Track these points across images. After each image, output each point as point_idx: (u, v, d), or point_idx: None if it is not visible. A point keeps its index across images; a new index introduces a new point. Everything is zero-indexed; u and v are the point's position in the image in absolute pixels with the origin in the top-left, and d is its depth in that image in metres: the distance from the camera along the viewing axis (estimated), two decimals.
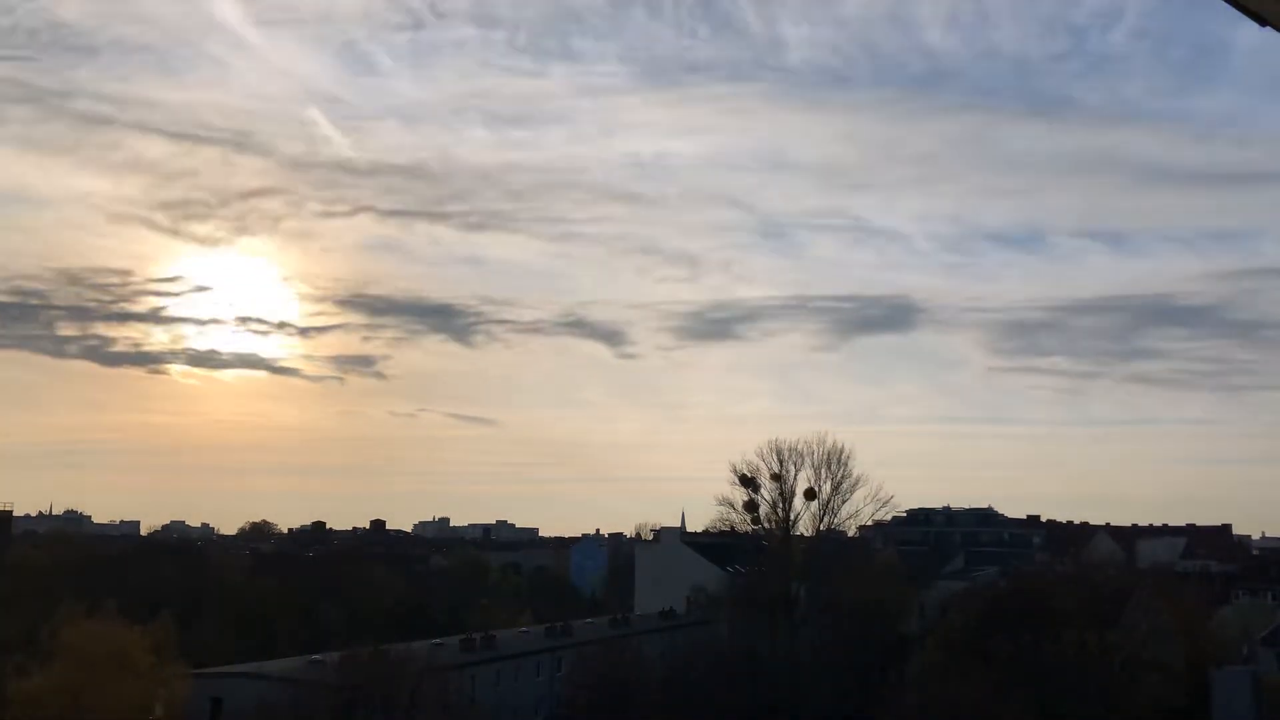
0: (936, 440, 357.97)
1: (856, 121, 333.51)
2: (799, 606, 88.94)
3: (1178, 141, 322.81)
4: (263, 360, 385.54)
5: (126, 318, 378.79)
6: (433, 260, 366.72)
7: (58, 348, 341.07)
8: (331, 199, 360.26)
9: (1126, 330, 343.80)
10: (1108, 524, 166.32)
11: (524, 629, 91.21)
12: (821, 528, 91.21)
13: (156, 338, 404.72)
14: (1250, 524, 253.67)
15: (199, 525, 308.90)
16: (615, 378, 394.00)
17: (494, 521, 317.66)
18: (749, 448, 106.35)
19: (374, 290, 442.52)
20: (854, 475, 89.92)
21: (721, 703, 64.98)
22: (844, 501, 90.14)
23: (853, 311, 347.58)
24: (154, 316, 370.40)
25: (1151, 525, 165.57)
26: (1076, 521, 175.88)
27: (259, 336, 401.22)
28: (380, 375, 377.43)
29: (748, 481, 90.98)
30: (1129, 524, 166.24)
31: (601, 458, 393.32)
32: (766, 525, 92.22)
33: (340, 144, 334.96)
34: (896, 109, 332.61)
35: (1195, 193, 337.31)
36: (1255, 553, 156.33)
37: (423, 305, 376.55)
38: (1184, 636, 69.28)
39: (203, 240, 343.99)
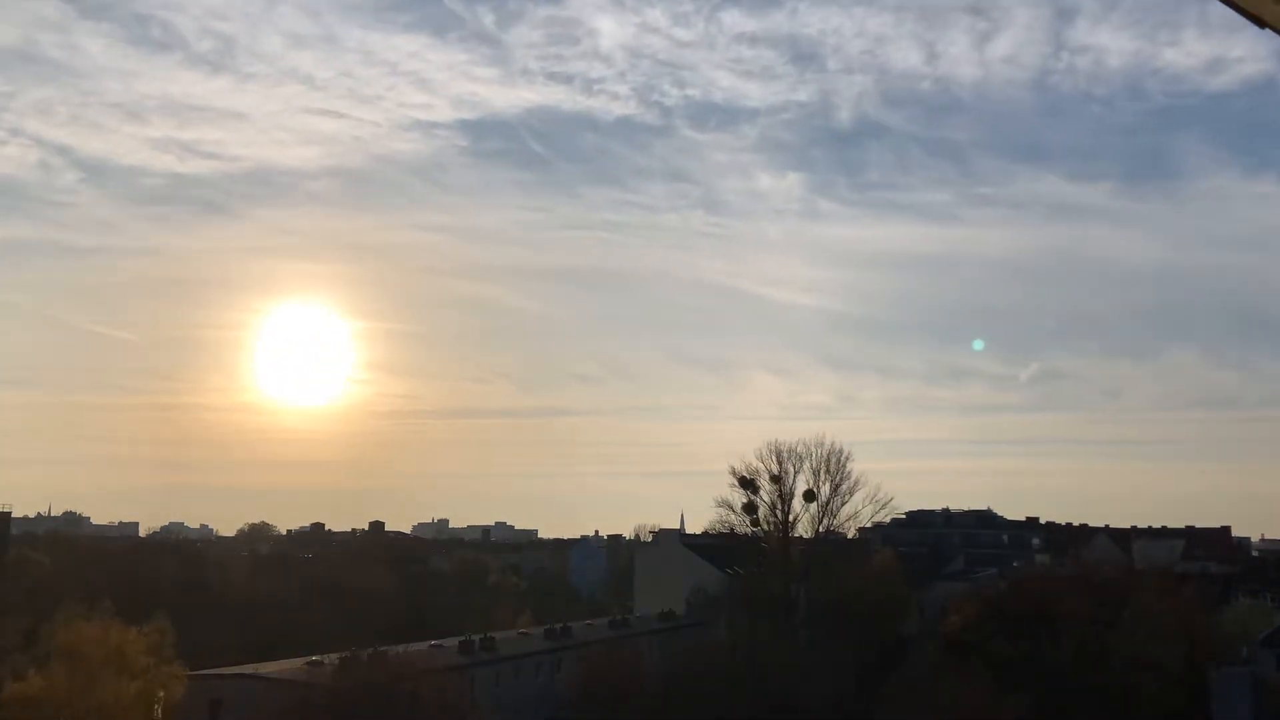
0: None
1: None
2: (798, 608, 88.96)
3: None
4: None
5: None
6: None
7: None
8: None
9: None
10: (1107, 525, 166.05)
11: (523, 630, 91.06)
12: (821, 529, 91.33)
13: None
14: (1249, 526, 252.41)
15: (198, 526, 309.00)
16: None
17: (493, 522, 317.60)
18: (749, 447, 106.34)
19: None
20: (853, 477, 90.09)
21: (721, 704, 64.89)
22: (843, 503, 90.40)
23: None
24: None
25: (1150, 527, 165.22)
26: (1075, 523, 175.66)
27: None
28: None
29: (747, 483, 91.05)
30: (1128, 525, 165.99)
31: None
32: (766, 527, 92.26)
33: None
34: None
35: None
36: (1255, 554, 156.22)
37: None
38: (1183, 638, 69.17)
39: None
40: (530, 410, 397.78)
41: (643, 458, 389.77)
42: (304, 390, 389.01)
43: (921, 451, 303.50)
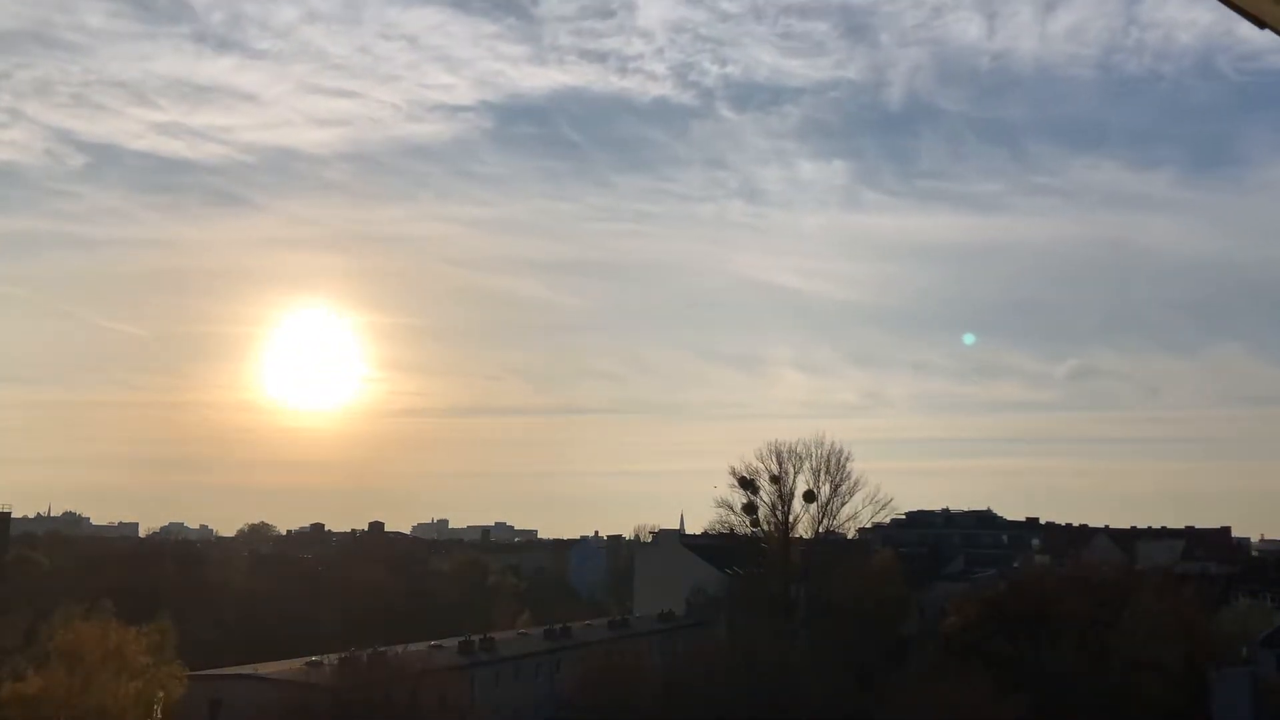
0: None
1: None
2: (798, 608, 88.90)
3: None
4: None
5: None
6: None
7: None
8: None
9: None
10: (1107, 526, 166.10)
11: (523, 631, 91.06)
12: (820, 530, 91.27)
13: None
14: (1249, 526, 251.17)
15: (198, 527, 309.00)
16: None
17: (493, 523, 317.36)
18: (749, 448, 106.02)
19: None
20: (853, 477, 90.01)
21: (721, 704, 64.87)
22: (843, 504, 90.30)
23: None
24: None
25: (1150, 527, 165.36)
26: (1075, 523, 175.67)
27: None
28: None
29: (747, 484, 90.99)
30: (1128, 526, 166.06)
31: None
32: (765, 527, 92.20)
33: None
34: None
35: None
36: (1255, 554, 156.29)
37: None
38: (1183, 638, 69.17)
39: None
40: (543, 408, 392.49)
41: (654, 457, 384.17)
42: (314, 389, 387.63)
43: (949, 451, 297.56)
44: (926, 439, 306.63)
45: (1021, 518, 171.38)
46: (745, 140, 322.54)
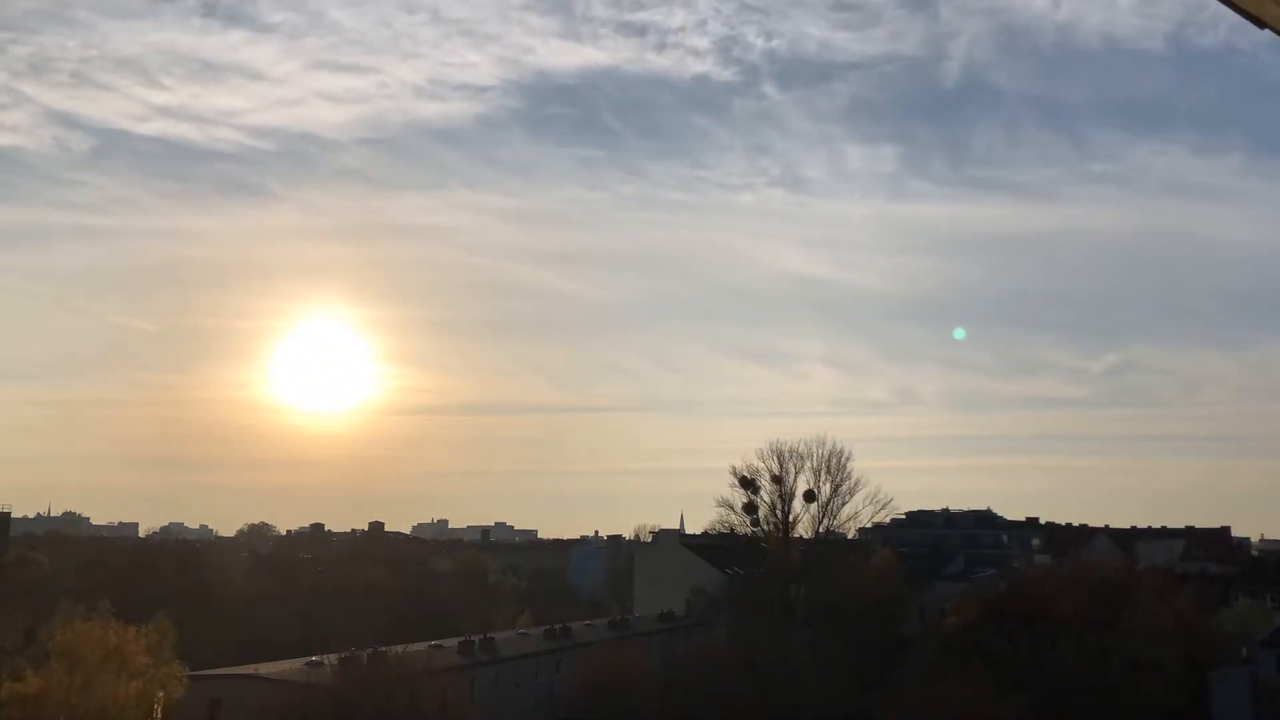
0: None
1: None
2: (798, 608, 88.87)
3: None
4: None
5: None
6: None
7: None
8: None
9: None
10: (1107, 526, 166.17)
11: (523, 631, 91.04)
12: (821, 530, 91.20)
13: None
14: (1249, 526, 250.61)
15: (198, 527, 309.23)
16: None
17: (493, 523, 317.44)
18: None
19: None
20: (853, 477, 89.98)
21: (721, 704, 64.88)
22: (843, 504, 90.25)
23: None
24: None
25: (1150, 527, 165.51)
26: (1075, 523, 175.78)
27: None
28: None
29: (747, 483, 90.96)
30: (1128, 526, 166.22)
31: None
32: (766, 527, 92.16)
33: None
34: None
35: None
36: (1255, 554, 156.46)
37: None
38: (1183, 638, 69.17)
39: None
40: (560, 406, 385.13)
41: (671, 455, 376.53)
42: (326, 386, 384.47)
43: (976, 449, 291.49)
44: (956, 436, 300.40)
45: (1021, 518, 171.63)
46: (789, 123, 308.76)
